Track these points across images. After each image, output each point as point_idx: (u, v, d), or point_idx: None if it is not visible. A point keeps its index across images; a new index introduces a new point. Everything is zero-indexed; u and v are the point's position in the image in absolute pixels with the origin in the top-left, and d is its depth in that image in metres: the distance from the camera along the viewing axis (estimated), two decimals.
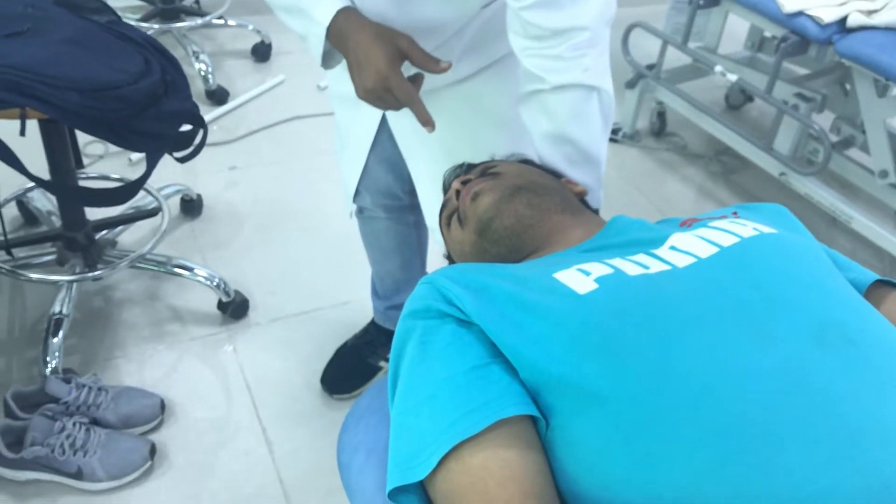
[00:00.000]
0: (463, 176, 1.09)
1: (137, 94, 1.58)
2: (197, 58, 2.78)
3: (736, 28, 2.85)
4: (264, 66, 3.02)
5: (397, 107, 1.16)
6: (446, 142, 1.41)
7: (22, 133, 1.57)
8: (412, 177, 1.51)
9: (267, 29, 3.02)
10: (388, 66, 1.11)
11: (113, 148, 2.47)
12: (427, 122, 1.13)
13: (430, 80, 1.33)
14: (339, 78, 1.46)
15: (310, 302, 2.08)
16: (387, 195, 1.62)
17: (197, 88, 2.76)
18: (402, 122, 1.43)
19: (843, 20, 2.15)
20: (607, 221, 0.98)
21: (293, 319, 2.04)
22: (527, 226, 0.98)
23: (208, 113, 2.68)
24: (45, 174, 1.74)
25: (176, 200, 2.28)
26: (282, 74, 2.95)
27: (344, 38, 1.15)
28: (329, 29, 1.16)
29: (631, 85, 2.77)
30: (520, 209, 0.99)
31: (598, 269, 0.81)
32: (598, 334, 0.72)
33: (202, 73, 2.76)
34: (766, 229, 0.85)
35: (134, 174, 2.17)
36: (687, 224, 0.93)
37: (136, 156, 2.46)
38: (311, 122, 2.75)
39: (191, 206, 2.28)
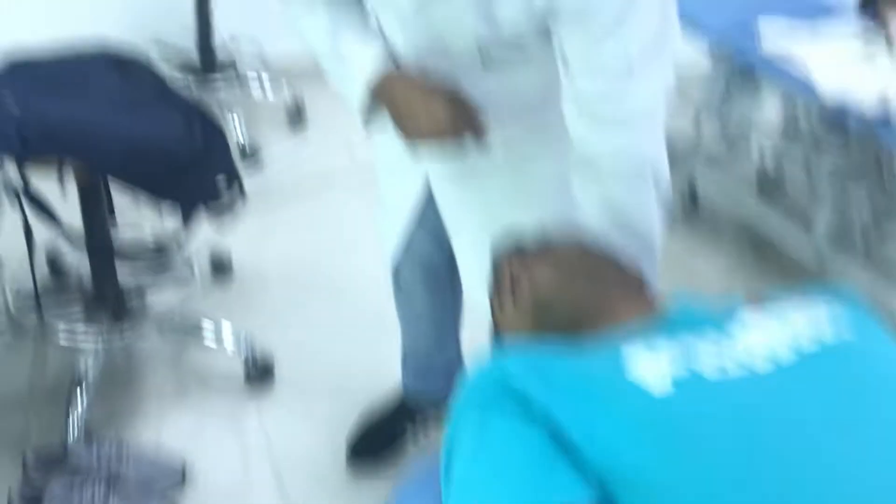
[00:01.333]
0: (517, 254, 1.06)
1: (179, 151, 1.58)
2: (231, 118, 2.79)
3: (769, 112, 2.85)
4: (298, 128, 3.03)
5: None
6: (492, 210, 1.39)
7: (60, 182, 1.56)
8: (453, 246, 1.48)
9: (301, 91, 3.04)
10: (451, 109, 1.13)
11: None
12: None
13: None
14: (383, 143, 1.45)
15: (338, 371, 2.03)
16: (426, 265, 1.59)
17: None
18: (446, 188, 1.41)
19: (886, 98, 2.12)
20: (668, 298, 0.94)
21: (320, 388, 1.99)
22: (586, 305, 0.95)
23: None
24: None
25: (206, 261, 2.26)
26: (315, 137, 2.96)
27: (388, 88, 1.16)
28: (372, 83, 1.16)
29: None
30: (579, 287, 0.96)
31: (672, 364, 0.77)
32: (675, 442, 0.69)
33: (235, 134, 2.77)
34: (847, 332, 0.81)
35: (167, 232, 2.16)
36: (755, 307, 0.89)
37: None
38: (343, 185, 2.74)
39: (221, 267, 2.26)
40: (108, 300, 1.89)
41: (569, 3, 0.99)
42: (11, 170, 1.56)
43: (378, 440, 1.84)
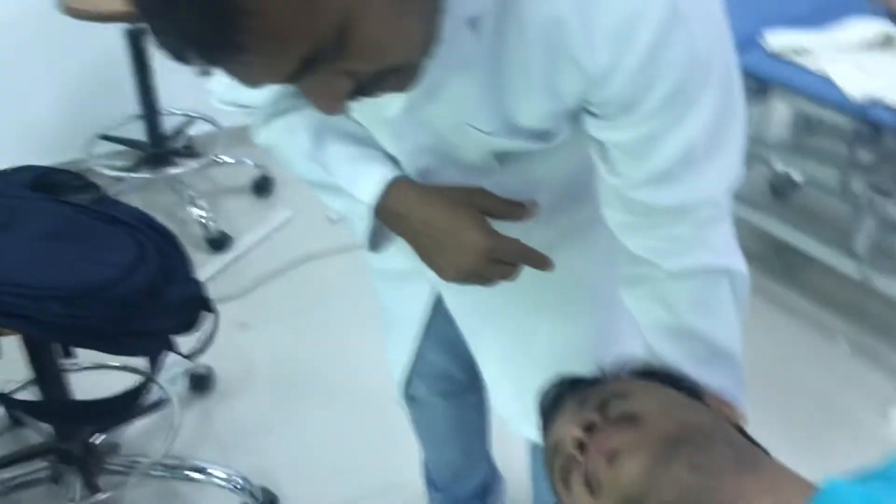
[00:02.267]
0: (583, 413, 0.81)
1: (131, 292, 1.32)
2: (193, 203, 2.53)
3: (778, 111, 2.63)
4: (267, 202, 2.77)
5: (506, 275, 0.93)
6: (519, 320, 1.15)
7: None
8: (476, 359, 1.24)
9: (267, 161, 2.79)
10: (488, 238, 0.89)
11: None
12: (546, 262, 0.92)
13: None
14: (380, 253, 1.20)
15: (349, 489, 1.78)
16: (444, 379, 1.36)
17: (195, 236, 2.51)
18: (462, 299, 1.17)
19: None
20: (813, 492, 0.69)
21: None
22: (694, 501, 0.70)
23: (209, 263, 2.42)
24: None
25: (184, 380, 1.99)
26: (288, 210, 2.70)
27: (403, 217, 0.93)
28: (378, 207, 0.93)
29: None
30: (683, 476, 0.70)
31: None
32: None
33: (200, 220, 2.51)
34: None
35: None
36: None
37: None
38: (326, 262, 2.48)
39: (202, 383, 2.00)
40: (75, 453, 1.62)
41: (614, 98, 0.74)
42: None
43: None
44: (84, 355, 2.08)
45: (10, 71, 2.54)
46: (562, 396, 0.89)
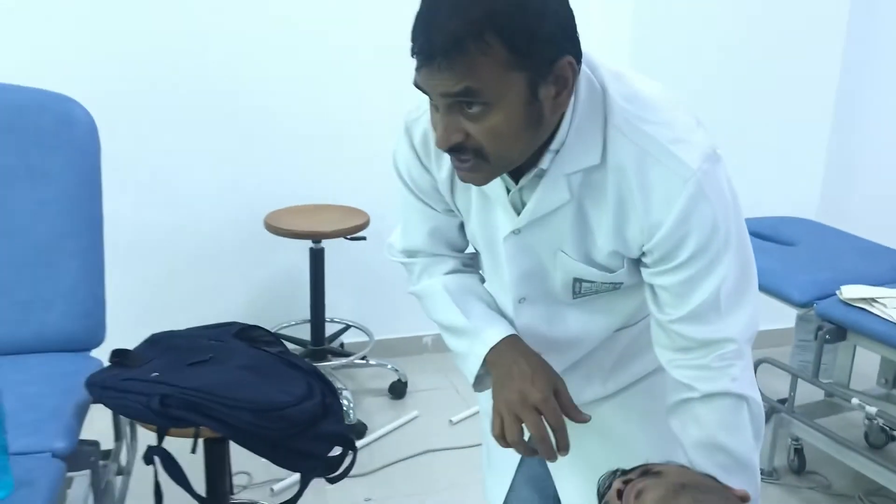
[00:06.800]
0: (623, 476, 1.11)
1: (300, 415, 1.72)
2: (340, 394, 2.95)
3: (866, 366, 2.85)
4: (400, 403, 3.17)
5: (535, 431, 1.19)
6: (596, 457, 1.41)
7: (193, 451, 1.70)
8: (559, 494, 1.51)
9: (404, 369, 3.22)
10: (548, 388, 1.20)
11: (257, 478, 2.58)
12: (565, 447, 1.19)
13: (580, 396, 1.36)
14: (490, 397, 1.55)
15: None
16: None
17: None
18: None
19: None
20: None
21: None
22: None
23: None
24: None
25: None
26: (416, 410, 3.08)
27: (504, 356, 1.25)
28: (491, 348, 1.27)
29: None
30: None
31: None
32: None
33: (344, 409, 2.91)
34: None
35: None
36: None
37: (278, 486, 2.55)
38: (443, 456, 2.80)
39: None
40: None
41: (658, 248, 1.12)
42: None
43: None
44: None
45: (208, 270, 3.14)
46: (613, 475, 1.19)
